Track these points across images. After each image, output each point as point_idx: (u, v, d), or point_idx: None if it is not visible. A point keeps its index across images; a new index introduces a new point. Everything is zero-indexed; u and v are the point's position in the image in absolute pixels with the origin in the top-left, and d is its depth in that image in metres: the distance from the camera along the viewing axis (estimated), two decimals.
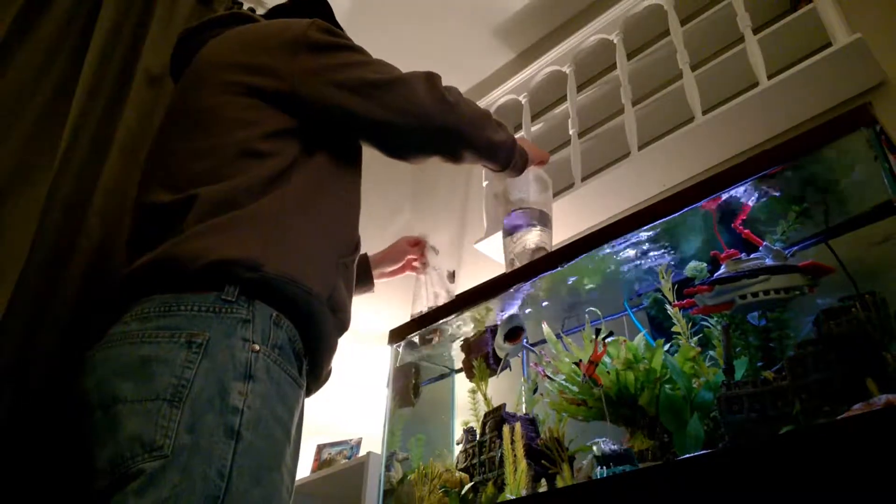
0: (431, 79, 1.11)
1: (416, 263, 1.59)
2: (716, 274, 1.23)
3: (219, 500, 0.73)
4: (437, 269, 1.57)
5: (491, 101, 2.38)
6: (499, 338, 1.64)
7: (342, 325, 1.02)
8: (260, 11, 1.99)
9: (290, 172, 0.98)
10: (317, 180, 1.02)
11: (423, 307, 1.64)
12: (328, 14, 1.24)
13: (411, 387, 1.82)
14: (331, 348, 1.02)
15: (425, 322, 1.71)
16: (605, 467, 1.16)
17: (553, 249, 1.54)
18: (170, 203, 0.93)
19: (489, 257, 2.17)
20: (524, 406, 1.57)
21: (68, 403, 0.86)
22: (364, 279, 1.46)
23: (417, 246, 1.59)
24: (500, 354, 1.64)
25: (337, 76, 1.03)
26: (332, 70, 1.04)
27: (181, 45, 1.22)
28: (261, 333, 0.85)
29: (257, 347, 0.83)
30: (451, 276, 1.64)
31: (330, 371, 1.08)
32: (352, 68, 1.05)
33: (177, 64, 1.22)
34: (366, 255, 1.49)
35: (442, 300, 1.60)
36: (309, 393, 1.05)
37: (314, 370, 1.01)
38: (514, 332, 1.62)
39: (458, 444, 1.65)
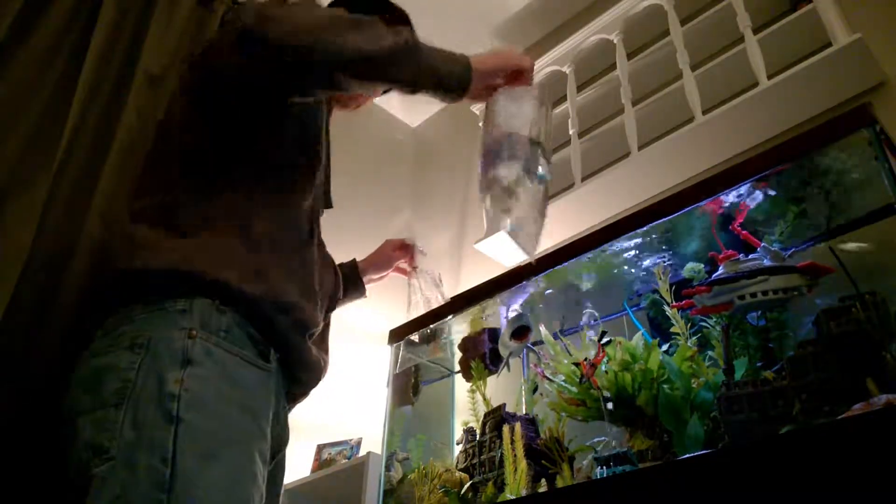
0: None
1: (404, 266, 1.55)
2: (714, 275, 1.23)
3: (165, 485, 0.74)
4: (429, 272, 1.53)
5: None
6: (505, 335, 1.63)
7: (300, 325, 0.97)
8: None
9: (226, 174, 0.98)
10: (254, 178, 0.99)
11: (418, 313, 1.61)
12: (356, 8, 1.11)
13: (411, 385, 1.82)
14: (296, 346, 0.97)
15: (425, 323, 1.71)
16: (605, 467, 1.17)
17: (553, 248, 1.54)
18: (129, 218, 0.98)
19: (489, 257, 2.17)
20: (524, 406, 1.57)
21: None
22: (356, 286, 1.44)
23: (404, 249, 1.53)
24: (504, 353, 1.63)
25: (220, 41, 1.01)
26: (220, 40, 1.02)
27: None
28: (199, 320, 0.85)
29: (195, 333, 0.84)
30: (439, 280, 1.62)
31: (317, 361, 1.03)
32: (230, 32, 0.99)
33: None
34: (354, 261, 1.46)
35: (435, 304, 1.58)
36: (311, 385, 1.04)
37: (294, 367, 0.98)
38: (521, 331, 1.61)
39: (458, 444, 1.65)
